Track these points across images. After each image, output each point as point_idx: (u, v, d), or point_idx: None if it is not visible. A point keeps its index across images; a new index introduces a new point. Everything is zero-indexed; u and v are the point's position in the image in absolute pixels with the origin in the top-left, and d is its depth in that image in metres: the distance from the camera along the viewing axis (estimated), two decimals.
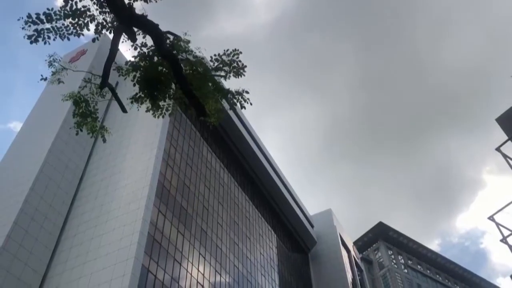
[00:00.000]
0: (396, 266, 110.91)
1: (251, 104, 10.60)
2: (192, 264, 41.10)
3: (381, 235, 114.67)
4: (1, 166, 44.63)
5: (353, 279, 79.45)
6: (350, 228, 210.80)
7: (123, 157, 44.57)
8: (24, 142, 46.34)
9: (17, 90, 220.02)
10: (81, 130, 10.79)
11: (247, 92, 10.63)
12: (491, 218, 26.17)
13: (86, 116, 10.39)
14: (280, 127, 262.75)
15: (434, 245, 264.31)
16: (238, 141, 62.32)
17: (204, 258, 43.85)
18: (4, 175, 42.57)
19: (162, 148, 43.51)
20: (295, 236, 76.70)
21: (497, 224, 25.67)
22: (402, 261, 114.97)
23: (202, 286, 41.42)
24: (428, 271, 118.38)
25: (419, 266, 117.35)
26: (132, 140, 46.01)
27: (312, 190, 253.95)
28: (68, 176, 43.15)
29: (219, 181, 55.46)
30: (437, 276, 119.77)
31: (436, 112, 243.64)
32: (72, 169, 44.00)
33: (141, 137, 45.57)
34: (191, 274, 40.17)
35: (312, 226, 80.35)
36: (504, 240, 25.87)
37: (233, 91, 10.58)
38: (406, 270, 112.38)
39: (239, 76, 10.81)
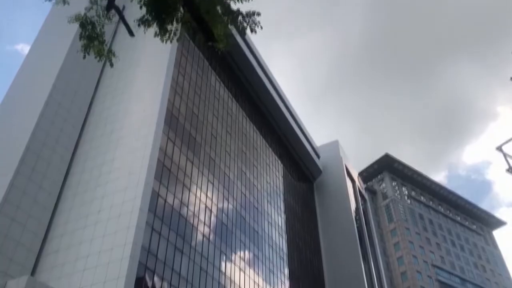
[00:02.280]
0: (399, 196, 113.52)
1: (261, 27, 10.24)
2: (201, 190, 42.34)
3: (386, 167, 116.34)
4: (11, 92, 44.78)
5: (357, 208, 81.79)
6: (356, 159, 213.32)
7: (131, 84, 44.45)
8: (32, 67, 46.03)
9: (23, 11, 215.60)
10: (88, 54, 10.71)
11: (258, 14, 10.23)
12: (499, 148, 26.12)
13: (92, 39, 10.27)
14: (288, 55, 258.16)
15: (440, 177, 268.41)
16: (246, 69, 61.63)
17: (213, 184, 45.06)
18: (15, 101, 42.80)
19: (170, 75, 43.22)
20: (301, 166, 78.07)
21: (505, 155, 25.69)
22: (406, 192, 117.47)
23: (211, 211, 42.95)
24: (431, 202, 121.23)
25: (422, 197, 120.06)
26: (140, 68, 45.64)
27: (320, 121, 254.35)
28: (78, 102, 43.29)
29: (227, 111, 55.60)
30: (439, 207, 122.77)
31: (451, 40, 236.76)
32: (81, 95, 44.06)
33: (149, 65, 45.15)
34: (199, 199, 41.52)
35: (318, 156, 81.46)
36: (510, 170, 26.01)
37: (244, 13, 10.21)
38: (409, 201, 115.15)
39: (248, 0, 10.42)
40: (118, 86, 45.36)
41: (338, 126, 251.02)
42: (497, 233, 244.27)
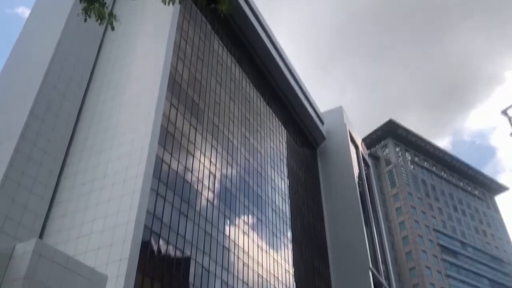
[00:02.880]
0: (402, 162, 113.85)
1: None
2: (205, 156, 42.55)
3: (390, 133, 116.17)
4: (12, 57, 44.44)
5: (360, 174, 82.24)
6: (360, 125, 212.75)
7: (133, 49, 43.98)
8: (32, 31, 45.46)
9: None
10: (89, 17, 10.55)
11: None
12: (504, 112, 25.99)
13: (92, 1, 10.11)
14: (292, 19, 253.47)
15: (445, 142, 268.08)
16: (249, 33, 60.72)
17: (216, 150, 45.23)
18: (17, 66, 42.54)
19: (172, 40, 42.64)
20: (305, 132, 78.05)
21: (510, 118, 25.59)
22: (409, 158, 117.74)
23: (214, 176, 43.30)
24: (434, 168, 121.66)
25: (425, 163, 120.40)
26: (142, 32, 45.03)
27: (324, 87, 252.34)
28: (80, 68, 42.99)
29: (230, 76, 55.16)
30: (442, 172, 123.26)
31: (460, 5, 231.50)
32: (83, 61, 43.70)
33: (150, 29, 44.51)
34: (203, 165, 41.79)
35: (322, 122, 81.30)
36: None
37: None
38: (412, 167, 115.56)
39: None
40: (120, 51, 44.91)
41: (342, 93, 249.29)
42: (499, 198, 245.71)
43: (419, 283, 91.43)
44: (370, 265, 66.97)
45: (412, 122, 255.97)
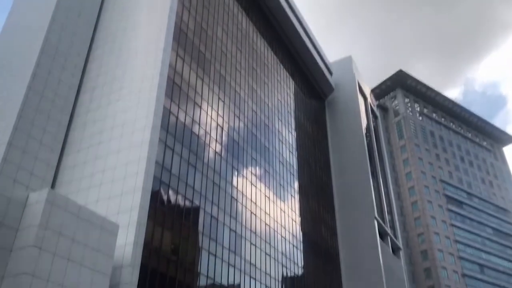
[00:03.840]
0: (411, 113, 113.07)
1: None
2: (212, 108, 42.48)
3: (399, 83, 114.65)
4: (15, 4, 43.75)
5: (368, 126, 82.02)
6: (369, 76, 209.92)
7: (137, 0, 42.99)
8: None
9: None
10: None
11: None
12: None
13: None
14: None
15: (456, 93, 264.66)
16: None
17: (223, 102, 45.09)
18: (21, 14, 41.93)
19: None
20: (313, 83, 77.25)
21: None
22: (418, 109, 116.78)
23: (222, 128, 43.41)
24: (443, 119, 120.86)
25: (434, 114, 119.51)
26: None
27: (334, 37, 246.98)
28: (84, 17, 42.25)
29: (237, 25, 54.04)
30: (451, 124, 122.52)
31: None
32: (87, 11, 42.89)
33: None
34: (210, 117, 41.81)
35: (330, 73, 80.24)
36: None
37: None
38: (420, 118, 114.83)
39: None
40: (124, 1, 43.93)
41: (352, 43, 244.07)
42: (507, 149, 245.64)
43: (424, 232, 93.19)
44: (376, 214, 68.12)
45: (423, 73, 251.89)
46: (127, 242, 27.55)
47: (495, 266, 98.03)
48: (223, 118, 44.11)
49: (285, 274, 47.77)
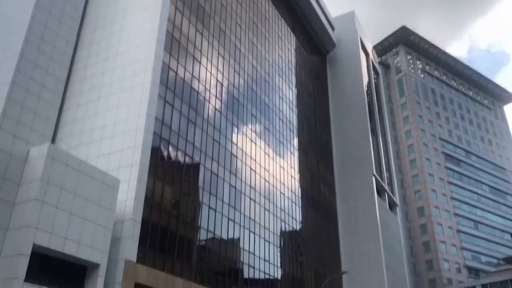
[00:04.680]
0: (413, 71, 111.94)
1: None
2: (211, 63, 41.95)
3: (402, 40, 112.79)
4: None
5: (369, 83, 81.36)
6: (372, 32, 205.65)
7: None
8: None
9: None
10: None
11: None
12: None
13: None
14: None
15: (459, 50, 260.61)
16: None
17: (223, 57, 44.47)
18: None
19: None
20: (314, 39, 75.95)
21: None
22: (420, 66, 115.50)
23: (222, 84, 43.05)
24: (444, 77, 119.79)
25: (436, 72, 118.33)
26: None
27: None
28: None
29: None
30: (453, 81, 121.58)
31: None
32: None
33: None
34: (210, 73, 41.36)
35: (332, 28, 78.72)
36: None
37: None
38: (422, 75, 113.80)
39: None
40: None
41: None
42: (508, 108, 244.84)
43: (421, 189, 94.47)
44: (374, 172, 68.78)
45: (426, 30, 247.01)
46: (128, 197, 27.94)
47: (490, 223, 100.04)
48: (223, 74, 43.65)
49: (283, 228, 48.78)
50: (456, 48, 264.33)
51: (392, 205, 76.80)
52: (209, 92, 40.40)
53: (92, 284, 24.32)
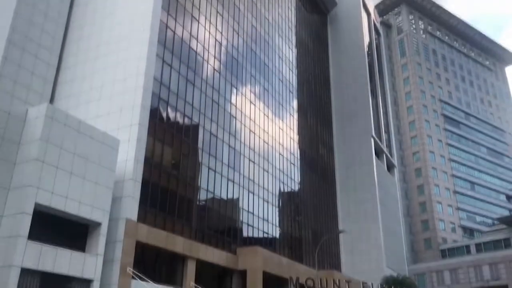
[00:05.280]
0: (415, 31, 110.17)
1: None
2: (210, 22, 41.16)
3: None
4: None
5: (370, 43, 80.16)
6: None
7: None
8: None
9: None
10: None
11: None
12: None
13: None
14: None
15: (464, 10, 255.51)
16: None
17: (222, 16, 43.59)
18: None
19: None
20: None
21: None
22: (422, 26, 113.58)
23: (220, 44, 42.40)
24: (446, 37, 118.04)
25: (438, 32, 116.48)
26: None
27: None
28: None
29: None
30: (455, 42, 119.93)
31: None
32: None
33: None
34: (209, 32, 40.65)
35: None
36: None
37: None
38: (424, 36, 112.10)
39: None
40: None
41: None
42: (509, 69, 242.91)
43: (419, 150, 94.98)
44: (373, 133, 68.91)
45: None
46: (128, 158, 28.08)
47: (486, 184, 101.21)
48: (221, 33, 42.91)
49: (282, 189, 49.34)
50: (459, 8, 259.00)
51: (390, 167, 77.38)
52: (208, 52, 39.86)
53: (94, 242, 24.81)
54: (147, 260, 29.40)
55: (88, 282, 23.92)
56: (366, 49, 75.67)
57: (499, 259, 70.34)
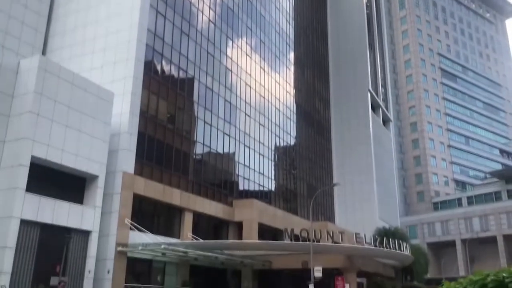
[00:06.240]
0: None
1: None
2: None
3: None
4: None
5: None
6: None
7: None
8: None
9: None
10: None
11: None
12: None
13: None
14: None
15: None
16: None
17: None
18: None
19: None
20: None
21: None
22: None
23: None
24: None
25: None
26: None
27: None
28: None
29: None
30: None
31: None
32: None
33: None
34: None
35: None
36: None
37: None
38: None
39: None
40: None
41: None
42: (509, 22, 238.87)
43: (415, 105, 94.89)
44: (370, 87, 68.55)
45: None
46: (123, 111, 27.94)
47: (480, 138, 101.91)
48: None
49: (278, 143, 49.56)
50: None
51: (385, 121, 77.57)
52: (203, 2, 38.82)
53: (92, 195, 25.12)
54: (144, 212, 29.91)
55: (87, 233, 24.42)
56: (365, 0, 73.89)
57: (489, 211, 71.99)
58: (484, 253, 69.74)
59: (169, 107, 33.00)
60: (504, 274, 4.30)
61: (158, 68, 32.28)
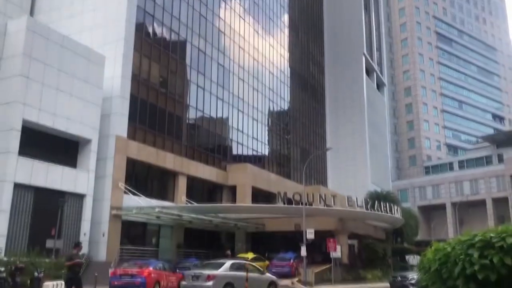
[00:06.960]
0: None
1: None
2: None
3: None
4: None
5: None
6: None
7: None
8: None
9: None
10: None
11: None
12: None
13: None
14: None
15: None
16: None
17: None
18: None
19: None
20: None
21: None
22: None
23: None
24: None
25: None
26: None
27: None
28: None
29: None
30: None
31: None
32: None
33: None
34: None
35: None
36: None
37: None
38: None
39: None
40: None
41: None
42: None
43: (410, 69, 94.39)
44: (365, 51, 67.90)
45: None
46: (115, 75, 27.58)
47: (474, 103, 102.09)
48: None
49: (271, 108, 49.38)
50: None
51: (380, 85, 77.31)
52: None
53: (85, 159, 25.11)
54: (138, 176, 30.03)
55: (81, 196, 24.55)
56: None
57: (479, 175, 72.97)
58: (473, 216, 71.13)
59: (161, 70, 32.59)
60: (491, 234, 4.38)
61: (150, 30, 31.67)
